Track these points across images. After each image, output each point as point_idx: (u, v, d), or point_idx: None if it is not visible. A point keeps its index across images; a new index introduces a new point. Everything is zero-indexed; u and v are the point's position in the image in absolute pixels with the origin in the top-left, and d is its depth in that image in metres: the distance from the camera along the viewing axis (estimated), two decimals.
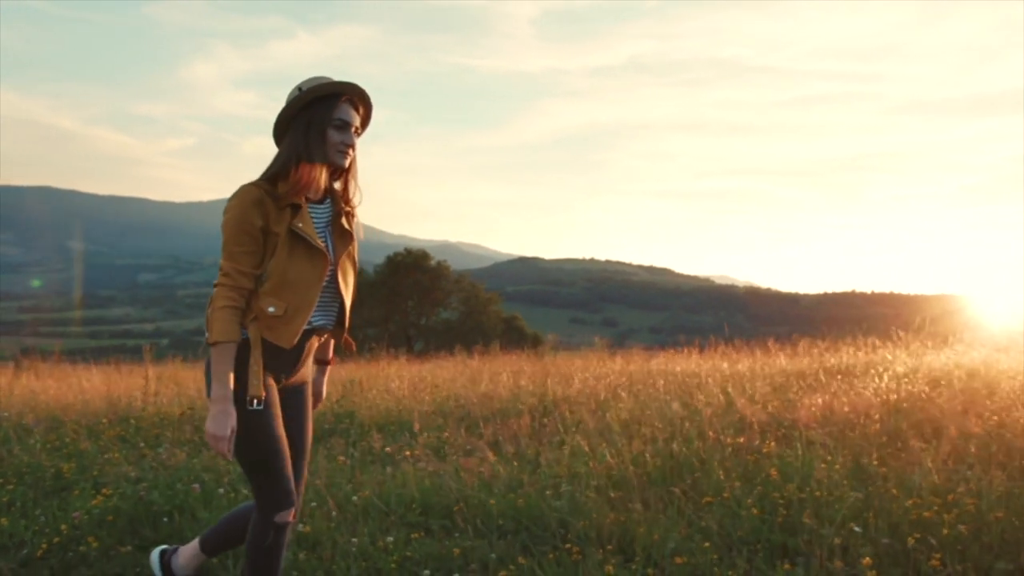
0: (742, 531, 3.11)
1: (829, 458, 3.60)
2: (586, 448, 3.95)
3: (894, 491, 3.12)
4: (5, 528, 3.69)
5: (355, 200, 2.41)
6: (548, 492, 3.51)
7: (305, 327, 2.29)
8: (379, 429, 5.66)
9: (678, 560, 2.81)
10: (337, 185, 2.39)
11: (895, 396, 5.20)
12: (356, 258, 2.45)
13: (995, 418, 4.09)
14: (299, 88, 2.27)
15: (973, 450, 3.65)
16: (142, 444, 5.34)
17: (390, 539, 3.16)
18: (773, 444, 3.84)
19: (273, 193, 2.22)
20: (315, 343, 2.39)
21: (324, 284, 2.31)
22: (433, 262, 51.30)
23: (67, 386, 8.89)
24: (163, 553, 2.81)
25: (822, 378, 6.64)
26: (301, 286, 2.24)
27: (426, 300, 50.33)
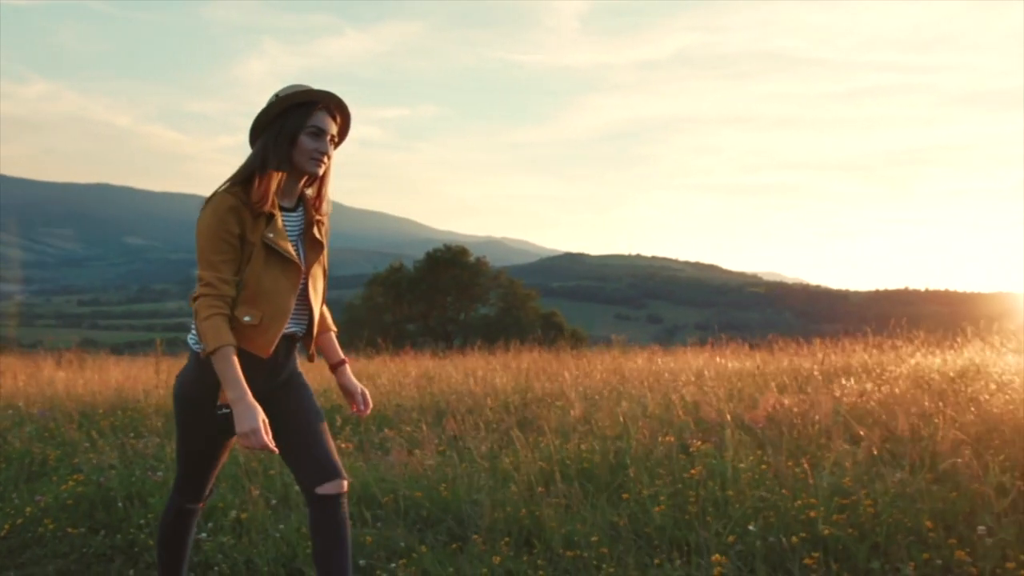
0: (650, 527, 3.21)
1: (751, 458, 3.66)
2: (519, 445, 4.07)
3: (784, 492, 3.18)
4: None
5: (325, 208, 2.40)
6: (473, 486, 3.64)
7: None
8: (356, 422, 5.84)
9: (569, 553, 2.92)
10: (310, 191, 2.38)
11: (865, 398, 5.19)
12: (326, 266, 2.46)
13: (938, 419, 4.09)
14: (276, 95, 2.26)
15: (903, 450, 3.67)
16: (131, 434, 5.61)
17: (281, 526, 3.32)
18: (700, 444, 3.91)
19: (247, 201, 2.20)
20: (292, 353, 2.39)
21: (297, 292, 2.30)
22: (472, 258, 51.63)
23: (98, 378, 9.28)
24: None
25: (818, 377, 6.62)
26: (276, 295, 2.24)
27: (465, 296, 50.67)
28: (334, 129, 2.30)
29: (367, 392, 2.57)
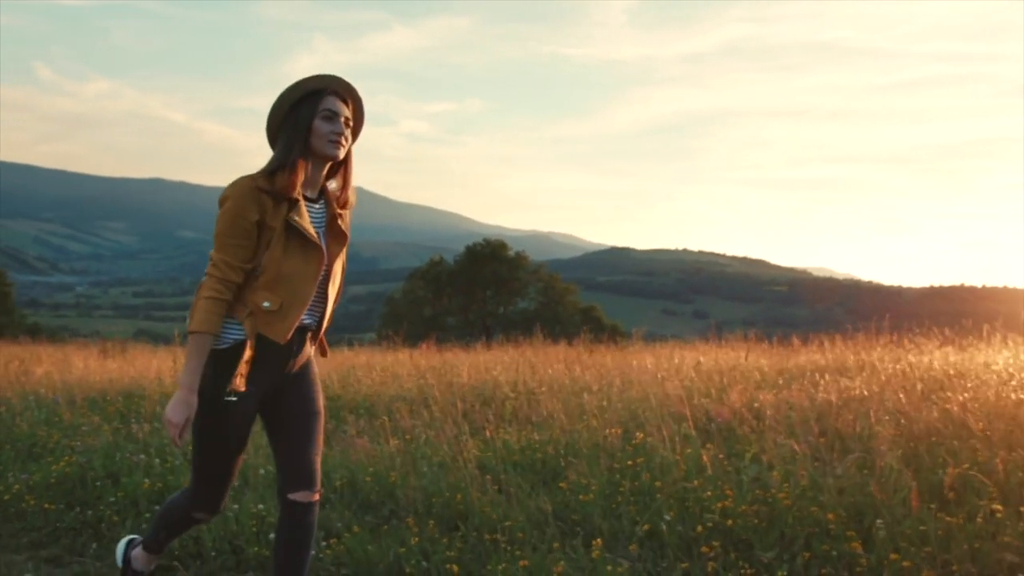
0: (576, 515, 3.34)
1: (689, 450, 3.75)
2: (488, 433, 4.22)
3: (696, 482, 3.28)
4: None
5: (352, 199, 2.41)
6: (417, 471, 3.81)
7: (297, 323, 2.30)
8: (350, 411, 6.06)
9: (487, 536, 3.07)
10: (333, 185, 2.39)
11: (838, 395, 5.22)
12: (345, 260, 2.47)
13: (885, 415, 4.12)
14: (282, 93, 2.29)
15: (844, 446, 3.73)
16: (132, 420, 5.91)
17: (261, 506, 3.53)
18: (642, 436, 4.01)
19: (270, 188, 2.22)
20: (308, 344, 2.40)
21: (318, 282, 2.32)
22: (511, 252, 51.84)
23: (130, 367, 9.67)
24: (129, 543, 2.88)
25: (814, 375, 6.64)
26: (296, 281, 2.24)
27: (504, 290, 50.91)
28: (347, 111, 2.32)
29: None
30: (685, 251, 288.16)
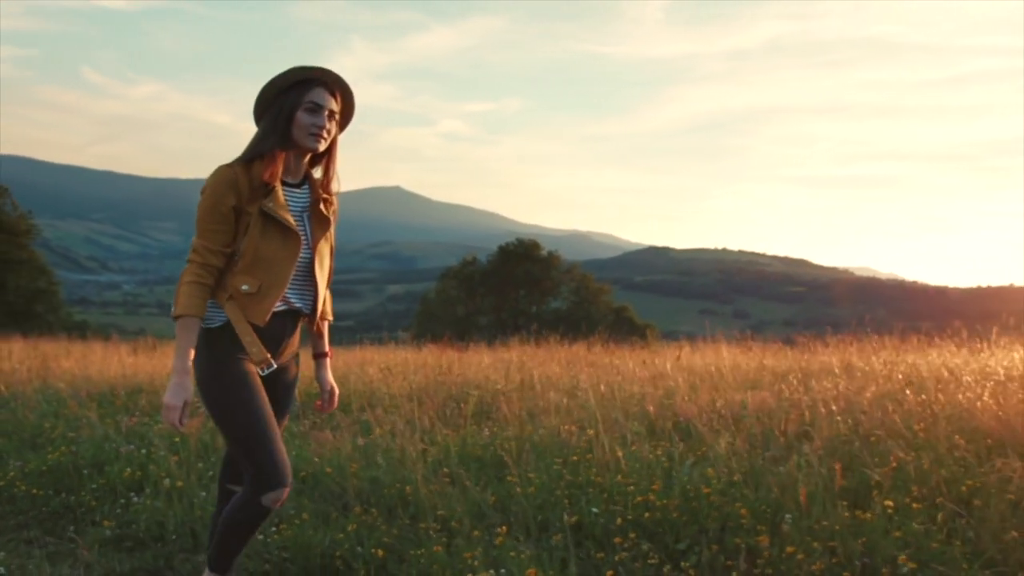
0: (516, 507, 3.50)
1: (633, 447, 3.89)
2: (447, 431, 4.41)
3: (620, 477, 3.41)
4: None
5: (333, 187, 2.44)
6: (371, 464, 4.01)
7: (281, 307, 2.35)
8: (341, 409, 6.29)
9: (421, 525, 3.25)
10: (318, 173, 2.44)
11: (806, 397, 5.29)
12: (333, 244, 2.50)
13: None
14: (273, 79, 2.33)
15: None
16: (137, 413, 6.21)
17: None
18: (592, 432, 4.15)
19: (248, 174, 2.27)
20: (297, 330, 2.44)
21: (299, 266, 2.35)
22: (544, 252, 51.97)
23: (151, 363, 10.04)
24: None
25: (799, 375, 6.70)
26: (273, 264, 2.28)
27: (536, 289, 51.05)
28: (333, 104, 2.33)
29: (336, 392, 2.66)
30: (725, 250, 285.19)
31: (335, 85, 2.35)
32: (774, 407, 4.74)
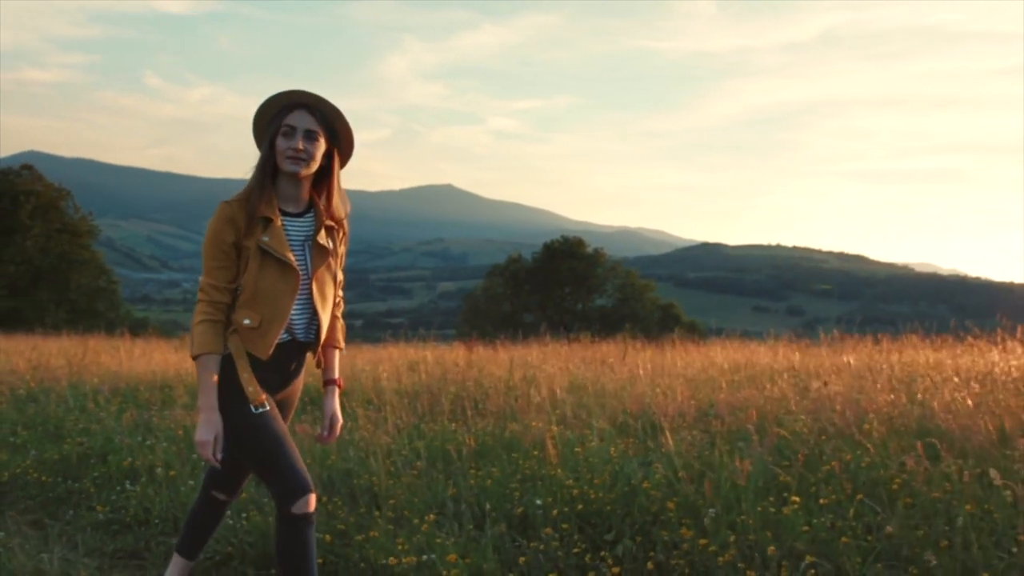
0: (472, 498, 3.69)
1: (594, 444, 4.05)
2: (423, 428, 4.64)
3: (560, 471, 3.58)
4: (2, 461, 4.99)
5: (339, 212, 2.41)
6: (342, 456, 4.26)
7: (285, 338, 2.36)
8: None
9: (376, 513, 3.48)
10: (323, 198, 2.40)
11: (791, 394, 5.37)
12: (336, 273, 2.46)
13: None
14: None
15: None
16: (154, 407, 6.59)
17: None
18: (556, 428, 4.32)
19: (247, 208, 2.28)
20: (303, 360, 2.45)
21: (300, 297, 2.35)
22: (589, 249, 51.93)
23: (183, 361, 10.49)
24: None
25: (797, 373, 6.75)
26: (273, 297, 2.28)
27: (582, 286, 51.03)
28: (310, 124, 2.30)
29: (340, 422, 2.59)
30: (779, 247, 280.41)
31: (316, 104, 2.32)
32: (739, 405, 4.85)
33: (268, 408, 2.30)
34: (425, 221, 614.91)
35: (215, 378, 2.24)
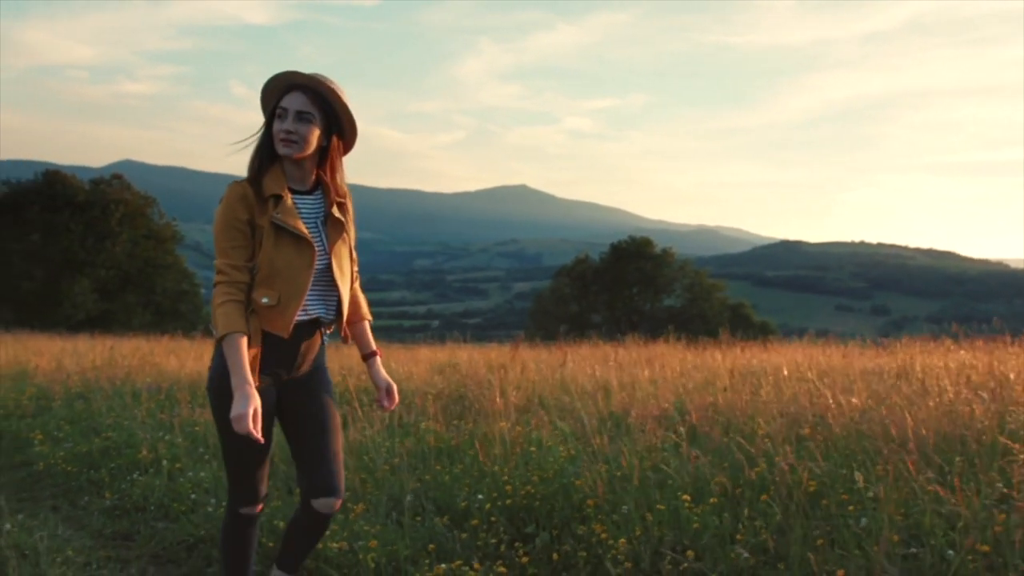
0: (434, 493, 4.01)
1: (549, 443, 4.31)
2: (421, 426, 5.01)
3: (497, 467, 3.85)
4: (38, 451, 5.59)
5: (341, 189, 2.44)
6: None
7: (302, 317, 2.35)
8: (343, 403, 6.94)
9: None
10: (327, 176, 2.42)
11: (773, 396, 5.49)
12: (352, 247, 2.49)
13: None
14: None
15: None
16: (184, 405, 7.12)
17: (203, 474, 4.48)
18: (520, 429, 4.58)
19: (257, 187, 2.30)
20: (317, 338, 2.43)
21: (318, 273, 2.36)
22: (658, 249, 51.58)
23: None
24: None
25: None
26: (290, 274, 2.29)
27: (649, 287, 50.74)
28: (302, 105, 2.29)
29: (394, 388, 2.59)
30: (862, 244, 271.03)
31: (311, 86, 2.32)
32: (718, 408, 5.02)
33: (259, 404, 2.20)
34: (500, 222, 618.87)
35: (245, 354, 2.20)
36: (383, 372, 2.60)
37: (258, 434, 2.14)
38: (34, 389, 8.31)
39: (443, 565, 3.05)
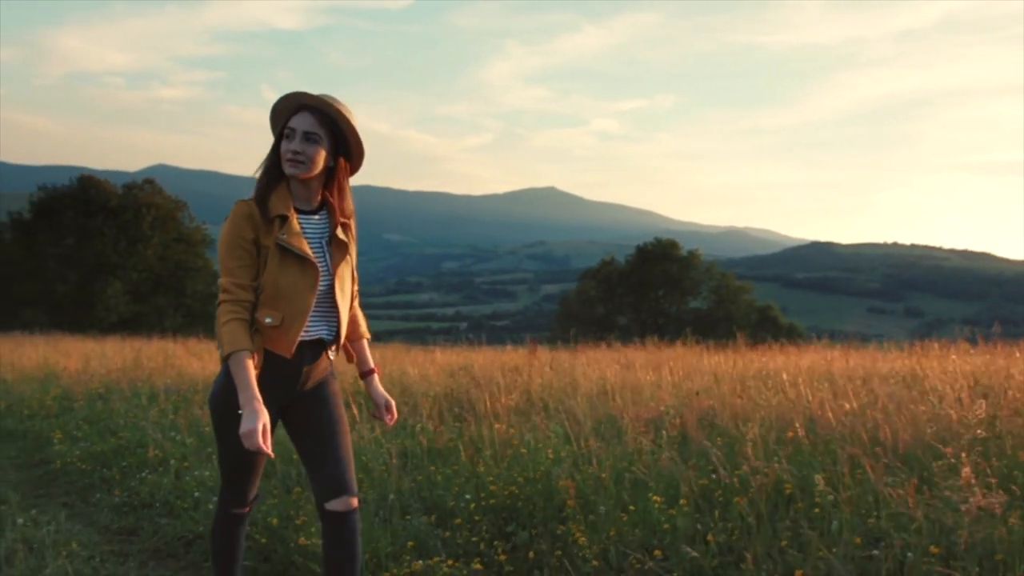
0: (425, 493, 4.14)
1: (541, 445, 4.41)
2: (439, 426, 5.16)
3: (481, 468, 3.95)
4: (57, 450, 5.82)
5: (347, 209, 2.45)
6: None
7: (305, 337, 2.36)
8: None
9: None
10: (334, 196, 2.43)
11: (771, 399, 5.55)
12: (355, 265, 2.51)
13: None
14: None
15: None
16: (196, 406, 7.33)
17: (207, 473, 4.66)
18: (512, 431, 4.69)
19: (263, 207, 2.31)
20: (323, 360, 2.44)
21: (321, 294, 2.37)
22: (683, 251, 51.36)
23: None
24: None
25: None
26: (294, 295, 2.30)
27: (676, 289, 50.52)
28: (309, 125, 2.31)
29: (393, 403, 2.62)
30: (895, 245, 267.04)
31: (319, 107, 2.34)
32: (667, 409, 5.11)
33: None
34: (528, 224, 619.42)
35: (251, 372, 2.21)
36: (381, 388, 2.64)
37: (268, 449, 2.17)
38: (59, 390, 8.59)
39: (420, 562, 3.17)
